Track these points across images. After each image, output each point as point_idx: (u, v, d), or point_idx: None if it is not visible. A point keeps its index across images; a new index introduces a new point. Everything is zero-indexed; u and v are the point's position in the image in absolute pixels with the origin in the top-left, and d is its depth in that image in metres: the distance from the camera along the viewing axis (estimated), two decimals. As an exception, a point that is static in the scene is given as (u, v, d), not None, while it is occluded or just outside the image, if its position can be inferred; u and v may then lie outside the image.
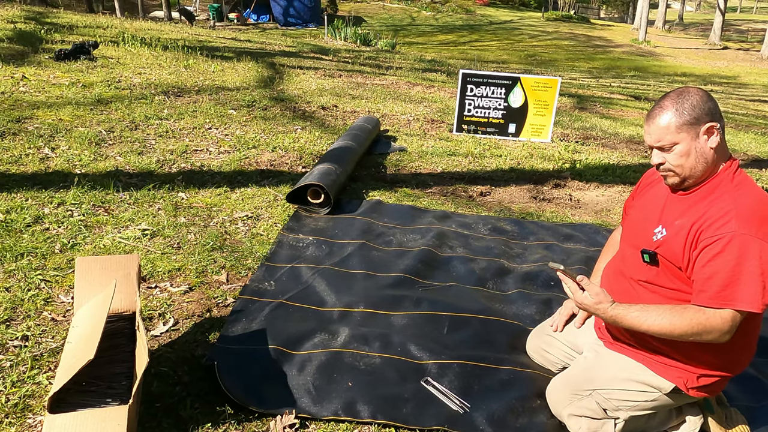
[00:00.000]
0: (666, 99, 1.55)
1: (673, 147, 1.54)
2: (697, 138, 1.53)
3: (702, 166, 1.55)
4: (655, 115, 1.55)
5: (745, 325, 1.52)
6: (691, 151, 1.53)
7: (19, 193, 3.02)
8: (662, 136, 1.54)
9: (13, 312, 2.11)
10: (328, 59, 10.33)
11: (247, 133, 4.58)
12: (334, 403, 1.81)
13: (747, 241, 1.43)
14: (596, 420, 1.74)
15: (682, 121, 1.52)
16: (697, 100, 1.53)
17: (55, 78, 5.32)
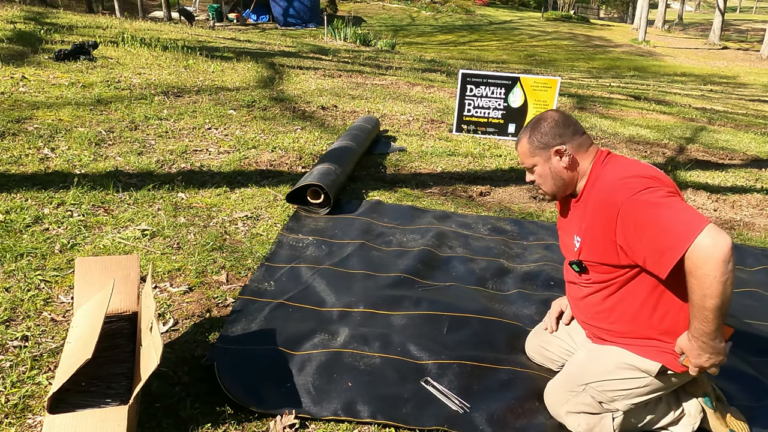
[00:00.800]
0: (527, 126, 1.80)
1: (533, 168, 1.79)
2: (549, 160, 1.75)
3: (560, 183, 1.76)
4: (518, 140, 1.82)
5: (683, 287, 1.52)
6: (546, 171, 1.77)
7: (19, 193, 3.01)
8: (523, 159, 1.81)
9: (13, 312, 2.11)
10: (328, 59, 10.33)
11: (246, 134, 4.58)
12: (334, 403, 1.81)
13: (640, 197, 1.51)
14: (594, 415, 1.75)
15: (534, 147, 1.76)
16: (547, 127, 1.74)
17: (54, 78, 5.32)
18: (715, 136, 7.04)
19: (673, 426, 1.86)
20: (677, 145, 6.18)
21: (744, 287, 2.95)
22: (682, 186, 4.57)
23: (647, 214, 1.48)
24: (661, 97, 11.13)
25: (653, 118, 7.93)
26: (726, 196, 4.44)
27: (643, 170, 1.59)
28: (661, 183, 1.54)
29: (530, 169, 1.80)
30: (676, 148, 6.07)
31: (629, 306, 1.68)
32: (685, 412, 1.85)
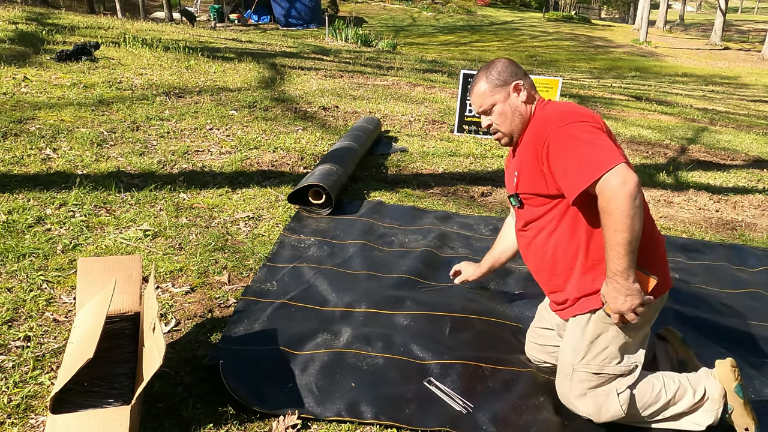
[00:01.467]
0: (479, 72, 1.85)
1: (492, 108, 1.82)
2: (509, 96, 1.80)
3: (520, 119, 1.81)
4: (473, 85, 1.85)
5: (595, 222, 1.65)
6: (507, 108, 1.81)
7: (21, 193, 3.02)
8: (482, 101, 1.82)
9: (16, 312, 2.11)
10: (329, 60, 10.34)
11: (248, 134, 4.58)
12: (337, 404, 1.81)
13: (566, 129, 1.62)
14: (599, 394, 1.78)
15: (493, 85, 1.81)
16: (501, 67, 1.82)
17: (56, 79, 5.32)
18: (717, 136, 7.04)
19: (695, 413, 1.83)
20: (679, 146, 6.17)
21: (746, 288, 2.94)
22: (684, 186, 4.57)
23: (569, 145, 1.61)
24: (662, 98, 11.12)
25: (654, 118, 7.92)
26: (728, 196, 4.43)
27: (577, 108, 1.70)
28: (592, 120, 1.64)
29: (488, 111, 1.83)
30: (677, 148, 6.06)
31: (566, 248, 1.76)
32: (708, 396, 1.83)
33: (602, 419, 1.79)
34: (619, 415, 1.78)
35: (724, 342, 2.39)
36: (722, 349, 2.33)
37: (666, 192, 4.38)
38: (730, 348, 2.34)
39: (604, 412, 1.78)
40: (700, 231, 3.70)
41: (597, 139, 1.58)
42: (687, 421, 1.84)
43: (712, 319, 2.59)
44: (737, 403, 1.83)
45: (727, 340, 2.41)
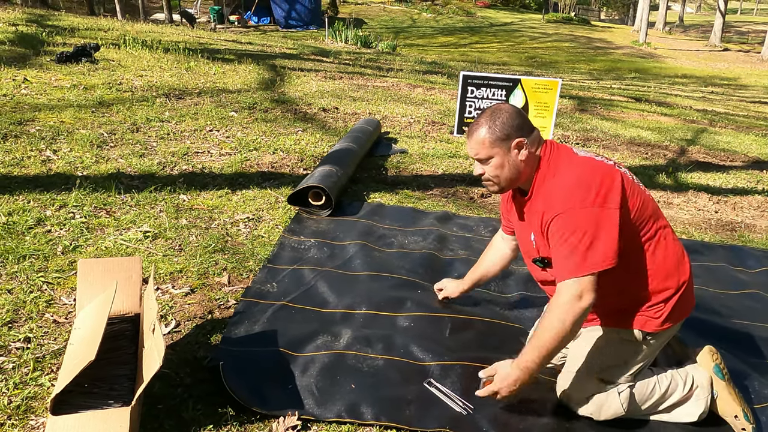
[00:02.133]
0: (481, 117, 1.75)
1: (489, 160, 1.74)
2: (509, 152, 1.73)
3: (515, 175, 1.75)
4: (472, 131, 1.76)
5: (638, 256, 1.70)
6: (504, 163, 1.74)
7: (21, 195, 3.02)
8: (479, 150, 1.74)
9: (16, 314, 2.11)
10: (329, 61, 10.35)
11: (248, 135, 4.59)
12: (338, 405, 1.81)
13: (569, 216, 1.60)
14: (601, 394, 1.81)
15: (494, 138, 1.72)
16: (506, 118, 1.72)
17: (56, 80, 5.33)
18: (716, 137, 7.05)
19: (686, 402, 1.89)
20: (678, 147, 6.18)
21: (745, 289, 2.95)
22: (684, 187, 4.57)
23: (565, 234, 1.60)
24: (662, 99, 11.13)
25: (654, 119, 7.93)
26: (727, 197, 4.44)
27: (588, 179, 1.63)
28: (602, 197, 1.60)
29: (484, 161, 1.76)
30: (677, 149, 6.07)
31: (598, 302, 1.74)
32: (696, 384, 1.89)
33: (602, 417, 1.82)
34: (620, 413, 1.82)
35: (723, 343, 2.39)
36: (721, 350, 2.32)
37: (665, 193, 4.39)
38: (729, 349, 2.34)
39: (604, 411, 1.81)
40: (699, 232, 3.70)
41: (592, 234, 1.57)
42: (679, 412, 1.90)
43: (712, 320, 2.59)
44: (720, 386, 1.89)
45: (727, 341, 2.41)
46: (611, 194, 1.61)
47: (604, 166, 1.66)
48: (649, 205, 1.72)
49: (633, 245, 1.69)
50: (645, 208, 1.70)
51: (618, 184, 1.63)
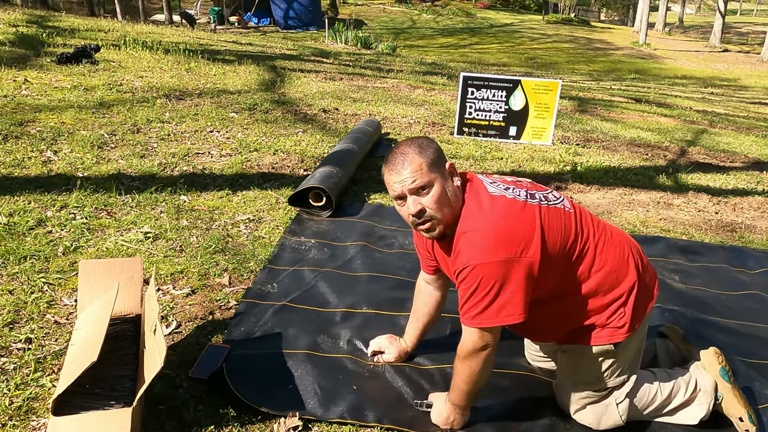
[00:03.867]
0: (402, 147, 1.56)
1: (427, 189, 1.53)
2: (446, 178, 1.57)
3: (455, 206, 1.57)
4: (400, 161, 1.53)
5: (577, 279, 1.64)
6: (443, 192, 1.55)
7: (22, 196, 3.02)
8: (417, 176, 1.52)
9: (17, 315, 2.11)
10: (329, 62, 10.36)
11: (248, 136, 4.59)
12: (340, 406, 1.81)
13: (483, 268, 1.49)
14: (598, 404, 1.80)
15: (430, 160, 1.53)
16: (428, 141, 1.57)
17: (57, 81, 5.33)
18: (717, 138, 7.05)
19: (688, 406, 1.87)
20: (678, 148, 6.18)
21: (746, 290, 2.95)
22: (684, 188, 4.57)
23: (472, 287, 1.52)
24: (662, 100, 11.14)
25: (654, 120, 7.94)
26: (727, 198, 4.44)
27: (502, 229, 1.51)
28: (511, 249, 1.49)
29: (421, 191, 1.53)
30: (677, 150, 6.07)
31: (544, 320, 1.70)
32: (700, 388, 1.87)
33: (602, 428, 1.81)
34: (619, 424, 1.81)
35: (724, 344, 2.39)
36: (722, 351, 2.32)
37: (666, 194, 4.39)
38: (730, 350, 2.34)
39: (603, 422, 1.81)
40: (699, 233, 3.70)
41: (498, 289, 1.50)
42: (682, 415, 1.88)
43: (712, 320, 2.59)
44: (725, 389, 1.88)
45: (727, 342, 2.41)
46: (529, 248, 1.51)
47: (520, 214, 1.54)
48: (571, 225, 1.62)
49: (568, 273, 1.63)
50: (568, 232, 1.60)
51: (537, 233, 1.52)
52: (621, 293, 1.68)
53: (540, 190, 1.69)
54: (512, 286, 1.51)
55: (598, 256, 1.65)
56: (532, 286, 1.54)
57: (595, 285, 1.65)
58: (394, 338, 2.09)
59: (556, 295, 1.64)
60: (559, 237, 1.58)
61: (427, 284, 1.99)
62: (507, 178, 1.71)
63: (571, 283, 1.64)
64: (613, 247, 1.69)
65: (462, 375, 1.66)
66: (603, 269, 1.65)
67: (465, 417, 1.77)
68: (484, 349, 1.59)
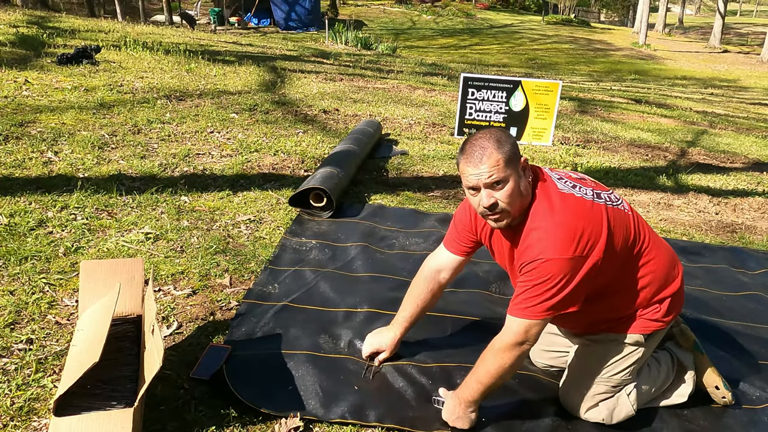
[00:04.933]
0: (481, 140, 1.57)
1: (502, 185, 1.55)
2: (519, 173, 1.59)
3: (525, 201, 1.61)
4: (478, 155, 1.55)
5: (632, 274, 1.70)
6: (517, 187, 1.57)
7: (23, 196, 3.02)
8: (494, 171, 1.54)
9: (18, 315, 2.11)
10: (330, 63, 10.36)
11: (249, 137, 4.59)
12: (342, 406, 1.81)
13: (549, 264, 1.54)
14: (610, 399, 1.84)
15: (508, 156, 1.55)
16: (507, 135, 1.60)
17: (57, 82, 5.33)
18: (717, 139, 7.05)
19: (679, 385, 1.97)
20: (678, 149, 6.19)
21: (746, 291, 2.95)
22: (684, 189, 4.58)
23: (532, 280, 1.56)
24: (662, 101, 11.14)
25: (654, 121, 7.94)
26: (728, 199, 4.44)
27: (571, 227, 1.54)
28: (578, 247, 1.53)
29: (497, 186, 1.55)
30: (677, 151, 6.07)
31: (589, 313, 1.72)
32: (686, 367, 1.98)
33: (615, 421, 1.84)
34: (631, 414, 1.85)
35: (725, 345, 2.39)
36: (722, 352, 2.33)
37: (666, 195, 4.39)
38: (730, 351, 2.35)
39: (616, 415, 1.84)
40: (700, 234, 3.70)
41: (562, 286, 1.54)
42: (673, 395, 1.97)
43: (713, 321, 2.59)
44: (701, 360, 1.98)
45: (728, 343, 2.41)
46: (595, 247, 1.56)
47: (590, 213, 1.59)
48: (631, 226, 1.68)
49: (624, 271, 1.69)
50: (628, 233, 1.66)
51: (604, 233, 1.57)
52: (665, 296, 1.76)
53: (604, 190, 1.74)
54: (574, 284, 1.55)
55: (652, 261, 1.72)
56: (590, 285, 1.60)
57: (644, 286, 1.72)
58: (381, 332, 2.06)
59: (608, 292, 1.69)
60: (621, 237, 1.64)
61: (439, 271, 1.98)
62: (573, 175, 1.76)
63: (623, 282, 1.70)
64: (663, 253, 1.77)
65: (489, 366, 1.64)
66: (655, 271, 1.73)
67: (472, 415, 1.75)
68: (522, 344, 1.60)
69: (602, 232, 1.57)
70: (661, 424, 1.91)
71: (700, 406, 2.00)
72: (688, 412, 1.97)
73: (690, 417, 1.96)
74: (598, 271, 1.58)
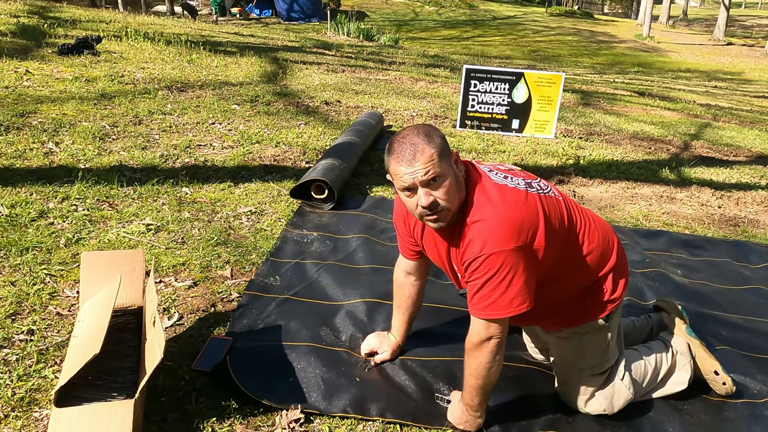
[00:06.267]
0: (410, 137, 1.50)
1: (440, 180, 1.50)
2: (453, 168, 1.53)
3: (462, 195, 1.55)
4: (410, 152, 1.48)
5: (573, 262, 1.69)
6: (454, 182, 1.52)
7: (24, 187, 3.02)
8: (430, 167, 1.48)
9: (19, 306, 2.11)
10: (332, 54, 10.32)
11: (250, 129, 4.58)
12: (343, 399, 1.81)
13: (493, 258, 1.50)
14: (605, 388, 1.85)
15: (440, 151, 1.49)
16: (434, 130, 1.53)
17: (58, 72, 5.32)
18: (720, 132, 7.02)
19: (674, 372, 1.97)
20: (682, 142, 6.16)
21: (749, 284, 2.94)
22: (687, 182, 4.56)
23: (482, 277, 1.52)
24: (665, 94, 11.09)
25: (657, 114, 7.91)
26: (730, 192, 4.42)
27: (509, 218, 1.51)
28: (519, 237, 1.50)
29: (434, 183, 1.49)
30: (680, 144, 6.05)
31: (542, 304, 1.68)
32: (677, 351, 1.98)
33: (616, 409, 1.85)
34: (630, 398, 1.86)
35: (727, 339, 2.38)
36: (724, 345, 2.32)
37: (669, 188, 4.37)
38: (732, 345, 2.34)
39: (616, 402, 1.85)
40: (702, 227, 3.69)
41: (510, 279, 1.50)
42: (671, 384, 1.97)
43: (715, 315, 2.59)
44: (695, 345, 1.99)
45: (730, 337, 2.40)
46: (536, 235, 1.54)
47: (525, 202, 1.56)
48: (563, 211, 1.67)
49: (563, 256, 1.66)
50: (562, 218, 1.65)
51: (542, 221, 1.55)
52: (607, 271, 1.76)
53: (533, 178, 1.73)
54: (523, 274, 1.53)
55: (587, 239, 1.72)
56: (538, 273, 1.59)
57: (585, 266, 1.73)
58: (383, 335, 2.07)
59: (553, 278, 1.68)
60: (557, 222, 1.63)
61: (408, 275, 1.96)
62: (500, 166, 1.74)
63: (564, 265, 1.69)
64: (597, 229, 1.77)
65: (470, 368, 1.65)
66: (592, 251, 1.73)
67: (478, 420, 1.74)
68: (490, 340, 1.59)
69: (540, 220, 1.55)
70: (662, 417, 1.90)
71: (699, 398, 2.00)
72: (689, 406, 1.97)
73: (690, 411, 1.95)
74: (542, 258, 1.57)
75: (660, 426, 1.87)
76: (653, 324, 2.18)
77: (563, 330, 1.82)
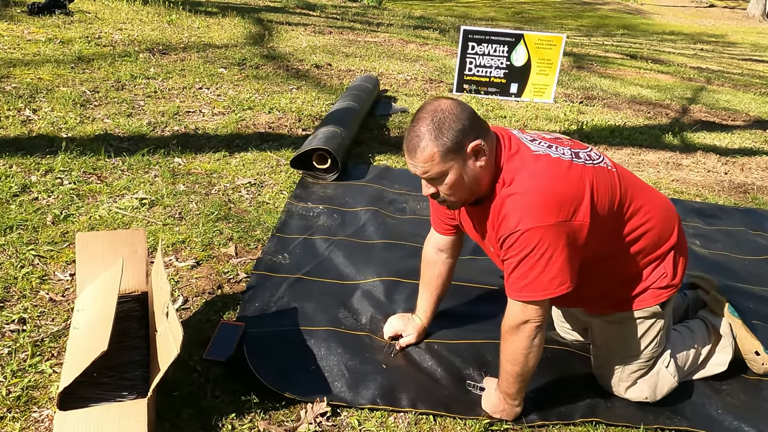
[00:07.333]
0: (419, 123, 1.38)
1: (441, 178, 1.41)
2: (465, 163, 1.40)
3: (476, 187, 1.45)
4: (413, 144, 1.38)
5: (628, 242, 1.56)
6: (461, 177, 1.41)
7: (2, 159, 2.78)
8: (429, 168, 1.39)
9: (7, 292, 1.92)
10: (316, 15, 9.93)
11: (240, 93, 4.33)
12: (371, 389, 1.67)
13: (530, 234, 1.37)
14: (649, 375, 1.73)
15: (445, 149, 1.36)
16: (452, 120, 1.36)
17: (30, 34, 4.96)
18: (716, 96, 6.92)
19: (714, 354, 1.88)
20: (680, 106, 6.04)
21: (765, 254, 2.86)
22: (692, 148, 4.45)
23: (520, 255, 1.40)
24: (655, 56, 10.95)
25: (652, 77, 7.77)
26: (735, 158, 4.34)
27: (551, 196, 1.39)
28: (560, 212, 1.38)
29: (437, 180, 1.42)
30: (678, 108, 5.93)
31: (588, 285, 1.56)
32: (722, 333, 1.88)
33: (659, 397, 1.75)
34: (674, 386, 1.76)
35: (755, 313, 2.30)
36: (754, 319, 2.24)
37: (674, 154, 4.27)
38: (761, 319, 2.26)
39: (659, 390, 1.74)
40: (712, 194, 3.60)
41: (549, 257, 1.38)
42: (711, 366, 1.88)
43: (740, 287, 2.50)
44: (737, 325, 1.89)
45: (758, 310, 2.32)
46: (579, 210, 1.40)
47: (567, 174, 1.43)
48: (616, 184, 1.52)
49: (614, 234, 1.53)
50: (614, 192, 1.50)
51: (587, 195, 1.42)
52: (664, 252, 1.62)
53: (582, 148, 1.58)
54: (563, 252, 1.39)
55: (645, 215, 1.58)
56: (581, 252, 1.45)
57: (640, 246, 1.58)
58: (407, 317, 1.92)
59: (601, 257, 1.54)
60: (606, 197, 1.48)
61: (440, 251, 1.81)
62: (546, 135, 1.59)
63: (616, 244, 1.56)
64: (657, 207, 1.62)
65: (506, 354, 1.53)
66: (650, 228, 1.58)
67: (516, 409, 1.63)
68: (527, 323, 1.46)
69: (584, 194, 1.42)
70: (703, 399, 1.82)
71: (738, 378, 1.92)
72: (728, 386, 1.89)
73: (730, 391, 1.87)
74: (587, 235, 1.42)
75: (701, 408, 1.79)
76: (689, 302, 2.07)
77: (613, 314, 1.68)
